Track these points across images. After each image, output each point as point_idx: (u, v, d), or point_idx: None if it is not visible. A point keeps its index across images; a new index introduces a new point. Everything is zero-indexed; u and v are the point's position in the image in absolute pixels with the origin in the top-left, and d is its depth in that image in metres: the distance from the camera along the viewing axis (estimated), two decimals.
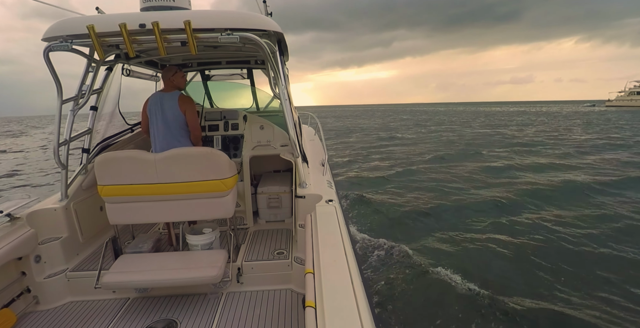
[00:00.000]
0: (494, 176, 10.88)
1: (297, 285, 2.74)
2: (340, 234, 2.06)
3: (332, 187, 3.13)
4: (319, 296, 1.45)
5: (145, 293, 2.74)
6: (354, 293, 1.45)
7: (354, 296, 1.43)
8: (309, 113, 6.11)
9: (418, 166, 12.83)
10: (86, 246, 3.14)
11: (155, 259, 2.68)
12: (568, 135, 23.15)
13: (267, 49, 2.50)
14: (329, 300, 1.41)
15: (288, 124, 2.81)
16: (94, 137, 3.29)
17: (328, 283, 1.53)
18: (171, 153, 2.56)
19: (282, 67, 2.79)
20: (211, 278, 2.44)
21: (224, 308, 2.55)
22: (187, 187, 2.57)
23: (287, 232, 3.48)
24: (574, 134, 23.54)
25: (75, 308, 2.64)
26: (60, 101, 2.68)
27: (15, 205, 2.65)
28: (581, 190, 9.00)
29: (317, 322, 1.31)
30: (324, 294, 1.44)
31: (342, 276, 1.59)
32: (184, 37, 2.29)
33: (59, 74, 2.58)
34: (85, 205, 3.16)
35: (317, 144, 4.73)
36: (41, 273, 2.73)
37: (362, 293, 1.48)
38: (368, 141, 22.29)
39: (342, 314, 1.33)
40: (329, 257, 1.77)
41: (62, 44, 2.34)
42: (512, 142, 19.87)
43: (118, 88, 3.58)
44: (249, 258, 2.92)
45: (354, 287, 1.50)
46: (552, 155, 14.96)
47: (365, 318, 1.31)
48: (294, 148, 2.90)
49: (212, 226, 2.99)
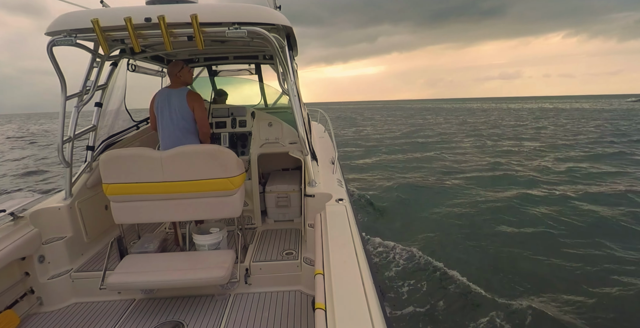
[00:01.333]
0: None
1: (307, 287, 2.72)
2: (350, 234, 2.03)
3: (342, 186, 3.10)
4: (329, 298, 1.43)
5: (151, 294, 2.73)
6: (365, 295, 1.43)
7: (365, 298, 1.41)
8: (318, 109, 6.07)
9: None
10: (91, 246, 3.14)
11: (162, 259, 2.68)
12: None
13: (276, 44, 2.48)
14: (339, 301, 1.38)
15: (297, 121, 2.78)
16: (98, 134, 3.29)
17: (339, 285, 1.51)
18: (178, 150, 2.54)
19: (291, 63, 2.77)
20: (218, 279, 2.43)
21: (232, 310, 2.54)
22: (193, 185, 2.56)
23: (296, 232, 3.45)
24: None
25: (80, 310, 2.64)
26: (64, 97, 2.68)
27: (19, 203, 2.64)
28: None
29: (327, 325, 1.28)
30: (335, 296, 1.42)
31: (353, 278, 1.56)
32: (190, 32, 2.27)
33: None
34: (90, 203, 3.16)
35: (327, 142, 4.70)
36: (45, 273, 2.73)
37: (374, 295, 1.46)
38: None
39: (354, 316, 1.30)
40: (340, 258, 1.75)
41: (66, 39, 2.33)
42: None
43: (124, 84, 3.57)
44: (257, 258, 2.90)
45: (365, 288, 1.48)
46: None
47: (377, 321, 1.29)
48: (303, 145, 2.88)
49: (219, 225, 2.98)
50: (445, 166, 12.57)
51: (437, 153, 15.35)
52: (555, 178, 10.26)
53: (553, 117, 38.24)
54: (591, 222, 6.75)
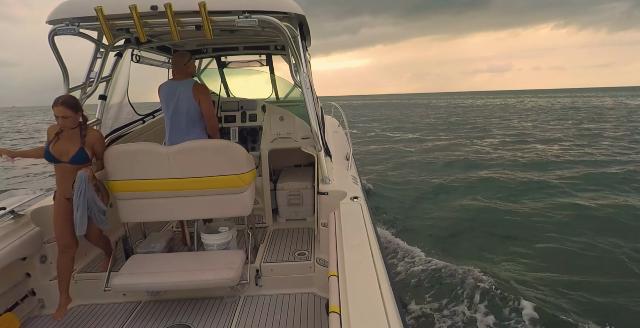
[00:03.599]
0: None
1: (320, 289, 2.69)
2: (366, 234, 2.02)
3: (357, 183, 3.07)
4: (343, 301, 1.43)
5: (158, 296, 2.72)
6: (382, 298, 1.42)
7: (381, 301, 1.40)
8: (332, 103, 6.02)
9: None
10: (95, 246, 3.09)
11: (169, 260, 2.68)
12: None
13: (288, 33, 2.47)
14: (354, 305, 1.38)
15: (310, 114, 2.77)
16: (103, 128, 3.27)
17: (354, 287, 1.50)
18: (185, 146, 2.54)
19: (303, 53, 2.76)
20: (228, 281, 2.42)
21: (242, 313, 2.53)
22: (202, 182, 2.55)
23: (309, 231, 3.43)
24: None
25: (83, 313, 2.62)
26: (66, 89, 2.69)
27: (19, 201, 2.64)
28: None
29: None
30: (349, 299, 1.42)
31: (369, 280, 1.56)
32: (198, 20, 2.26)
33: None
34: None
35: (341, 137, 4.67)
36: (47, 274, 2.71)
37: (391, 299, 1.44)
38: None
39: (370, 321, 1.30)
40: (355, 259, 1.74)
41: (68, 28, 2.33)
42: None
43: (127, 76, 3.54)
44: (268, 259, 2.89)
45: (382, 291, 1.47)
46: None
47: (395, 325, 1.28)
48: (316, 140, 2.86)
49: (228, 224, 2.96)
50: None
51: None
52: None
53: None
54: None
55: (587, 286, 4.59)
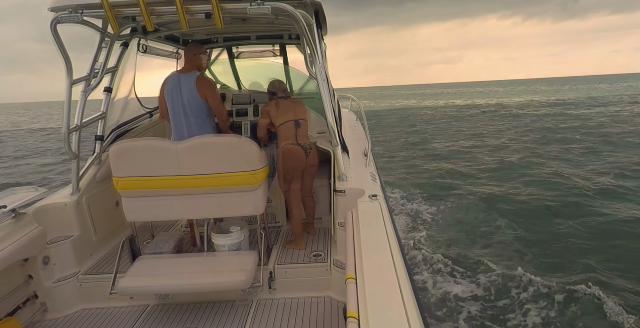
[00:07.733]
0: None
1: (337, 293, 2.68)
2: (386, 234, 2.01)
3: (376, 180, 3.06)
4: (362, 305, 1.43)
5: (166, 299, 2.73)
6: (403, 303, 1.41)
7: (402, 306, 1.39)
8: (349, 95, 5.96)
9: None
10: (100, 247, 3.16)
11: (177, 261, 2.68)
12: None
13: (303, 22, 2.45)
14: (373, 310, 1.37)
15: (326, 108, 2.76)
16: (108, 123, 3.29)
17: (373, 291, 1.50)
18: (195, 141, 2.54)
19: (319, 43, 2.74)
20: (240, 284, 2.43)
21: (254, 318, 2.53)
22: (212, 180, 2.55)
23: (325, 232, 3.42)
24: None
25: (88, 317, 2.64)
26: (69, 81, 2.68)
27: (21, 199, 2.64)
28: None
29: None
30: (368, 303, 1.41)
31: (389, 283, 1.55)
32: (208, 8, 2.26)
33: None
34: (99, 199, 3.17)
35: (359, 132, 4.64)
36: (50, 276, 2.73)
37: (413, 303, 1.43)
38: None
39: (390, 327, 1.29)
40: (374, 261, 1.74)
41: (71, 15, 2.33)
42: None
43: (133, 67, 3.55)
44: (282, 261, 2.89)
45: (403, 295, 1.46)
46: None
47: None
48: (333, 136, 2.85)
49: (240, 224, 2.96)
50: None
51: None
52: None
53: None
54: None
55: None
